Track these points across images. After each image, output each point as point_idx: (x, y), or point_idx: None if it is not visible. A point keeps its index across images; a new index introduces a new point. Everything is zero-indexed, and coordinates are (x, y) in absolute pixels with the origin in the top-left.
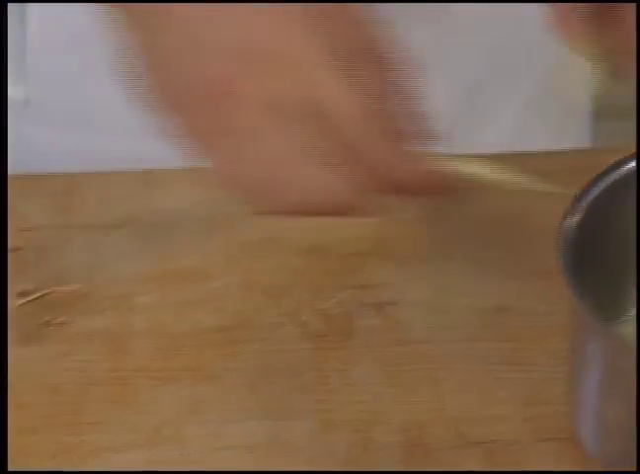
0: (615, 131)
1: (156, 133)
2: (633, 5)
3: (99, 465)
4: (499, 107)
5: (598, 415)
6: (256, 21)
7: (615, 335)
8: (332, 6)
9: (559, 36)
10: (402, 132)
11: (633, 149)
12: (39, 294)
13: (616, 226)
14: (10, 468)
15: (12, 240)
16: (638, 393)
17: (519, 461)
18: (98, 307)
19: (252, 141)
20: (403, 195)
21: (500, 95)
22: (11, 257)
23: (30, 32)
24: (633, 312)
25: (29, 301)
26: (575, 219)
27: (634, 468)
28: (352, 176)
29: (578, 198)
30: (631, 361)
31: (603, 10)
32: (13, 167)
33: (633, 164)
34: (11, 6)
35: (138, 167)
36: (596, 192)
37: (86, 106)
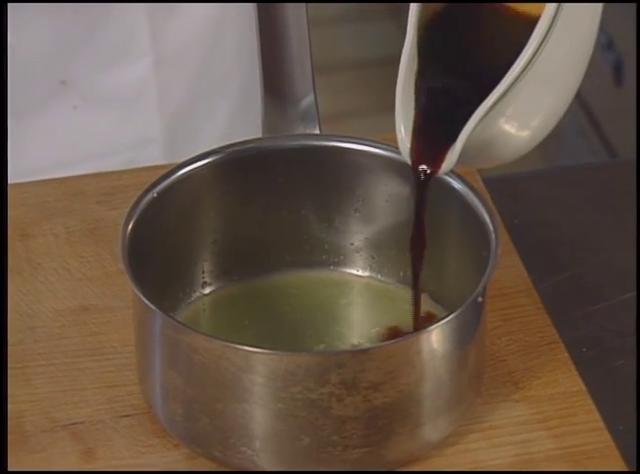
0: None
1: None
2: None
3: None
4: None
5: (162, 387)
6: None
7: (168, 319)
8: None
9: None
10: None
11: None
12: None
13: (167, 228)
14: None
15: None
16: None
17: (103, 437)
18: None
19: None
20: None
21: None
22: None
23: None
24: (198, 294)
25: None
26: (131, 225)
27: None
28: None
29: (133, 206)
30: (185, 339)
31: None
32: None
33: (179, 173)
34: None
35: None
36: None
37: None
